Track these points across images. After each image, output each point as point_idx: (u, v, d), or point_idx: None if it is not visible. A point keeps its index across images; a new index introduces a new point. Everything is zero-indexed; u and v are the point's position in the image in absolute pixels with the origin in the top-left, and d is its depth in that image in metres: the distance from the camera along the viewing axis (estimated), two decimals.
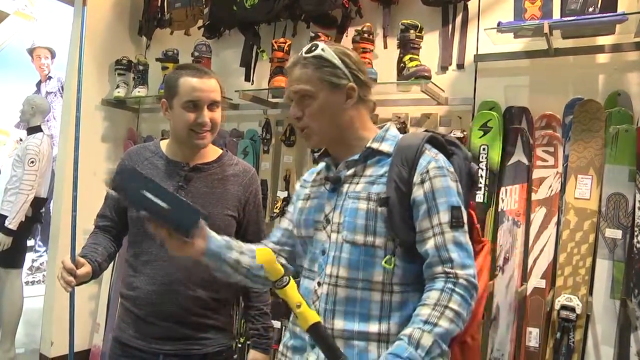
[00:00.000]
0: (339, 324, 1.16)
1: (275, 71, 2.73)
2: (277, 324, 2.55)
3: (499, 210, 2.23)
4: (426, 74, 2.24)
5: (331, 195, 1.27)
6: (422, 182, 1.17)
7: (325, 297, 1.19)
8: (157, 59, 3.11)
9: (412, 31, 2.33)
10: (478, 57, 2.39)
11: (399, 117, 2.52)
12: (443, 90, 2.40)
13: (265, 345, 1.69)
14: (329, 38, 2.62)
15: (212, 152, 1.69)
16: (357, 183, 1.24)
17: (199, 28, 3.11)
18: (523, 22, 2.07)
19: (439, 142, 1.25)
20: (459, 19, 2.50)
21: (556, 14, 2.06)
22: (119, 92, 3.21)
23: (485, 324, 2.18)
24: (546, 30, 1.98)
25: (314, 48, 1.25)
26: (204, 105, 1.56)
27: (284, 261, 1.37)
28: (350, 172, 1.26)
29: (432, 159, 1.19)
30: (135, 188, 1.15)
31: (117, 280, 3.19)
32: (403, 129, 2.45)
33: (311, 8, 2.69)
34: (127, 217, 1.67)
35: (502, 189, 2.24)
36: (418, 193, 1.17)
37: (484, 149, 2.26)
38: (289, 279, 1.17)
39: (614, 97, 2.09)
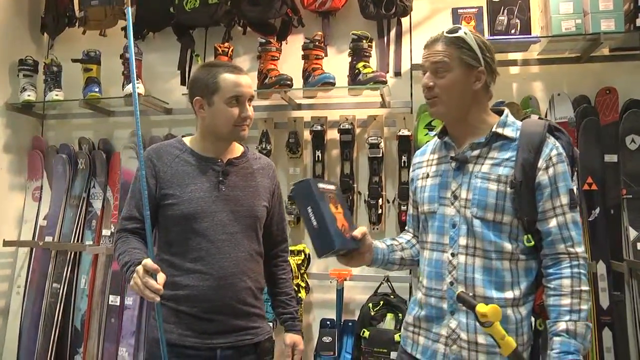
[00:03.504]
0: (480, 290, 1.32)
1: None
2: None
3: None
4: (383, 79, 2.52)
5: (457, 173, 1.40)
6: (547, 167, 1.31)
7: (464, 266, 1.34)
8: (76, 60, 2.87)
9: (364, 41, 2.59)
10: (414, 66, 2.75)
11: (347, 119, 2.75)
12: (390, 94, 2.70)
13: (299, 327, 1.77)
14: (279, 44, 2.75)
15: (237, 148, 1.73)
16: (482, 164, 1.36)
17: (122, 29, 2.96)
18: None
19: (550, 129, 1.38)
20: (393, 32, 2.83)
21: (486, 34, 2.51)
22: (29, 95, 2.85)
23: None
24: None
25: (457, 30, 1.38)
26: (245, 100, 1.61)
27: (412, 251, 1.60)
28: (475, 153, 1.38)
29: (553, 146, 1.34)
30: (304, 203, 1.36)
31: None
32: (352, 130, 2.70)
33: (254, 15, 2.79)
34: (161, 216, 1.61)
35: None
36: (543, 177, 1.31)
37: None
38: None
39: (527, 100, 2.61)
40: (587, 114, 2.46)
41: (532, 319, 1.35)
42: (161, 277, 1.38)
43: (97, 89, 2.78)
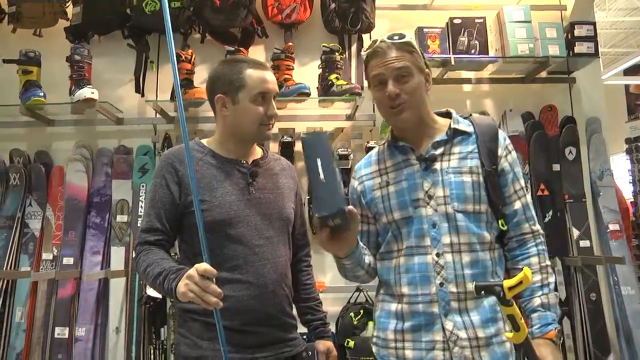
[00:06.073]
0: (470, 286, 1.29)
1: (183, 83, 2.60)
2: None
3: None
4: (359, 91, 2.57)
5: (425, 173, 1.37)
6: (506, 155, 1.39)
7: (452, 264, 1.31)
8: (11, 61, 2.51)
9: (336, 54, 2.63)
10: None
11: (315, 130, 2.75)
12: (358, 106, 2.75)
13: (329, 332, 1.71)
14: (247, 52, 2.68)
15: (257, 150, 1.65)
16: (450, 160, 1.37)
17: (65, 29, 2.66)
18: (430, 55, 2.63)
19: None
20: (354, 48, 2.91)
21: (450, 52, 2.69)
22: None
23: None
24: (453, 62, 2.59)
25: (402, 36, 1.36)
26: (271, 98, 1.54)
27: (372, 260, 1.46)
28: (439, 151, 1.37)
29: (505, 136, 1.43)
30: (314, 154, 1.24)
31: None
32: None
33: (218, 23, 2.70)
34: (187, 225, 1.48)
35: None
36: (505, 164, 1.38)
37: None
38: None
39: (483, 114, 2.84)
40: (535, 128, 2.75)
41: None
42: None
43: (41, 94, 2.46)
